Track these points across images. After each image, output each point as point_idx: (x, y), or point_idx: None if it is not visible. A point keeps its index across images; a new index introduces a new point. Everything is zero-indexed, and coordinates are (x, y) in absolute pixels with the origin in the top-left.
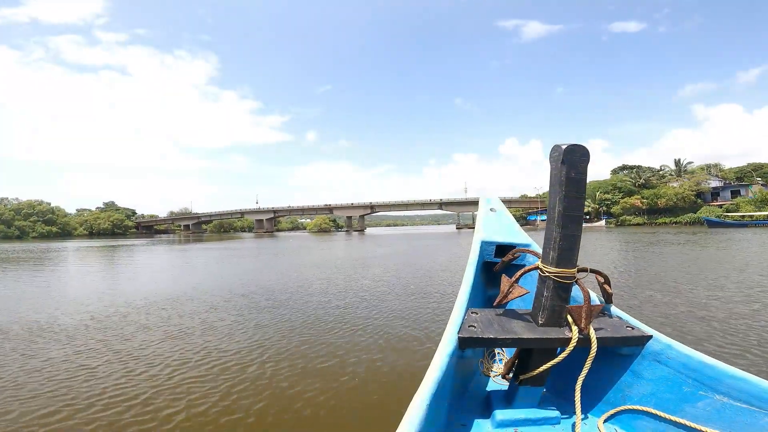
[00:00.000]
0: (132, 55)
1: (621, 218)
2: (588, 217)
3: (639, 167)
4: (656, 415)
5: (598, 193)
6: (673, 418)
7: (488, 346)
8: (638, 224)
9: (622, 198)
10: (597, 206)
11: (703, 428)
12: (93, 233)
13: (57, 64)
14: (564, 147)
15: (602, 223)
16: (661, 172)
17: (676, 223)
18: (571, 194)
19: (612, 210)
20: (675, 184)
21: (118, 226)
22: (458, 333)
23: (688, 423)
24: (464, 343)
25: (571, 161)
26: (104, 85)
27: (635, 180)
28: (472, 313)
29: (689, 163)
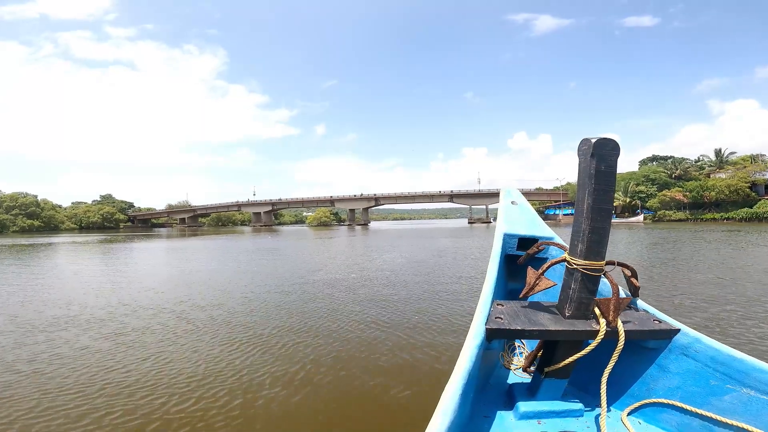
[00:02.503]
0: (141, 50)
1: (659, 213)
2: (615, 211)
3: (673, 157)
4: (681, 408)
5: (630, 185)
6: (699, 411)
7: (515, 337)
8: (680, 220)
9: (658, 191)
10: (629, 199)
11: (728, 421)
12: (83, 227)
13: (66, 60)
14: (594, 140)
15: (640, 218)
16: (699, 163)
17: (728, 219)
18: (600, 187)
19: (648, 204)
20: (722, 175)
21: (108, 220)
22: (485, 324)
23: (714, 416)
24: (492, 335)
25: (600, 155)
26: (113, 80)
27: (671, 171)
28: (497, 305)
29: (731, 153)
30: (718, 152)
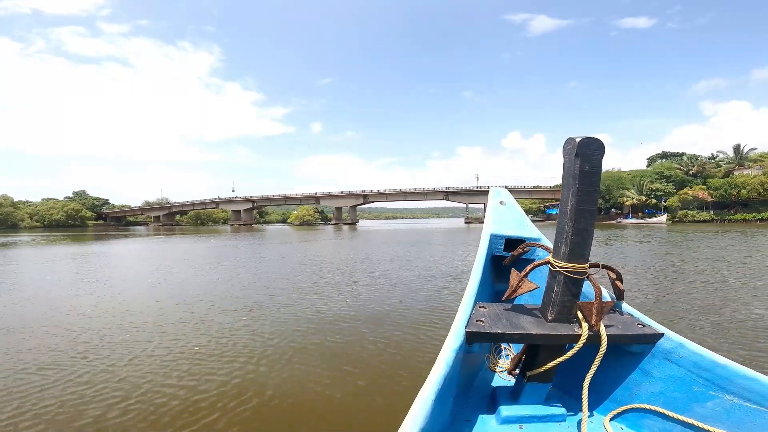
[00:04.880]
0: (135, 47)
1: (680, 213)
2: (626, 210)
3: (685, 154)
4: (664, 414)
5: (645, 183)
6: (681, 417)
7: (496, 341)
8: (705, 221)
9: (675, 189)
10: (644, 198)
11: (711, 428)
12: (46, 225)
13: (58, 56)
14: (578, 140)
15: (662, 218)
16: (716, 160)
17: (762, 219)
18: (584, 188)
19: (667, 203)
20: (749, 172)
21: (73, 217)
22: (466, 327)
23: (696, 423)
24: (472, 338)
25: (585, 154)
26: (107, 77)
27: (688, 168)
28: (480, 307)
29: (752, 149)
30: (737, 148)
